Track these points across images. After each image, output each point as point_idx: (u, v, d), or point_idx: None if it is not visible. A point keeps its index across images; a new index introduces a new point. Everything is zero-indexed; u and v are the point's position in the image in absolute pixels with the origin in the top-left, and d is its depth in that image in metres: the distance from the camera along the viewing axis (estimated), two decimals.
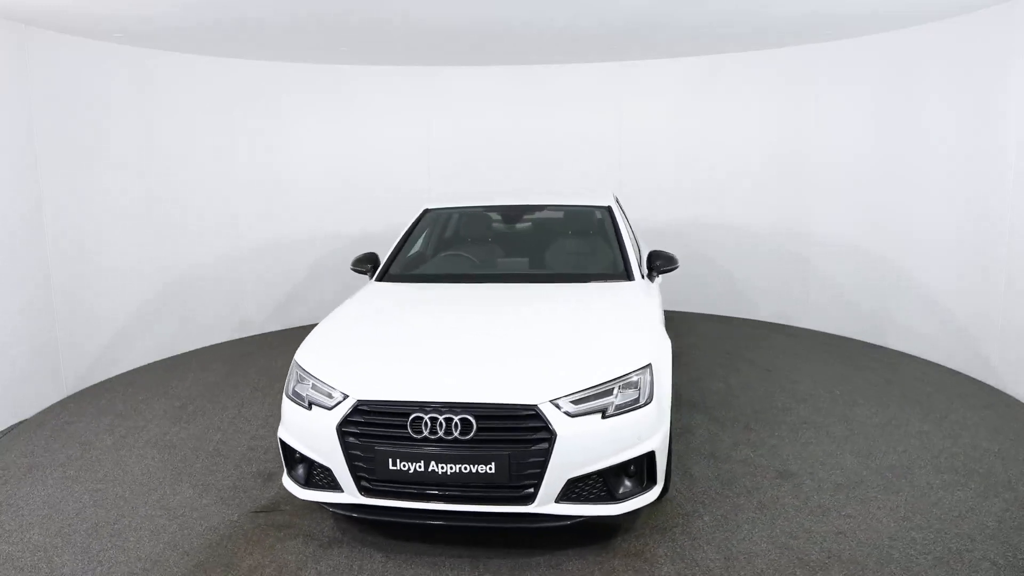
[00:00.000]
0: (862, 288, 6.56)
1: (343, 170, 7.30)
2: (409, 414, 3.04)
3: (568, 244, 4.82)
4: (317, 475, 3.26)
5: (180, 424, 4.81)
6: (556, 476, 2.99)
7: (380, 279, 4.49)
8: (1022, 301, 4.97)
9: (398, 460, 3.03)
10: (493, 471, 2.98)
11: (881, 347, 6.35)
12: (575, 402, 3.07)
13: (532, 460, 2.98)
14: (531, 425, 3.00)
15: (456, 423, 3.00)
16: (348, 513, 3.19)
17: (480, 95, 7.46)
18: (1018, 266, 4.97)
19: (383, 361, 3.34)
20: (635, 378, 3.21)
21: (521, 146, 7.54)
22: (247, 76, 6.74)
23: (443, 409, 3.02)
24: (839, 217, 6.67)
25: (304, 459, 3.29)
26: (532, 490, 2.99)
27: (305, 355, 3.47)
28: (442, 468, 3.00)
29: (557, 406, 3.03)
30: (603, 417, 3.07)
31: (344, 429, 3.10)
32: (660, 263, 4.50)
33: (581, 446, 3.02)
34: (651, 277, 4.48)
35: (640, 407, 3.16)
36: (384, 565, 3.15)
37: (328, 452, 3.14)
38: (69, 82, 5.39)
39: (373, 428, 3.08)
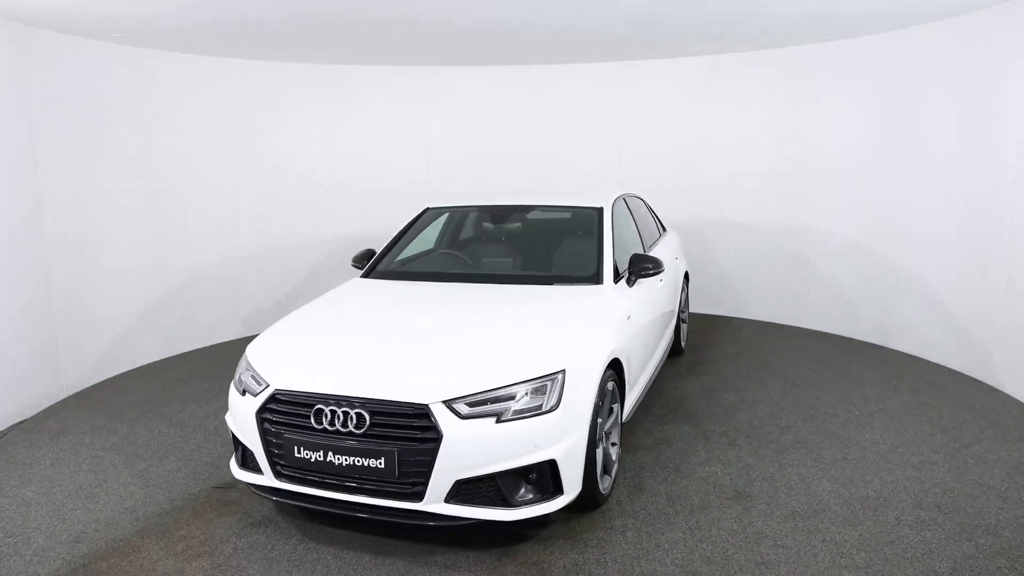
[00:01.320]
0: (862, 288, 6.49)
1: (343, 170, 7.35)
2: (313, 405, 3.17)
3: (551, 245, 4.75)
4: (248, 457, 3.47)
5: (199, 403, 5.24)
6: (443, 476, 3.01)
7: (365, 275, 4.66)
8: (1022, 301, 4.86)
9: (302, 448, 3.17)
10: (382, 466, 3.04)
11: (937, 365, 5.74)
12: (471, 404, 3.06)
13: (419, 458, 3.01)
14: (420, 424, 3.03)
15: (352, 416, 3.10)
16: (266, 495, 3.37)
17: (480, 95, 7.49)
18: (1018, 266, 4.86)
19: (307, 355, 3.49)
20: (543, 384, 3.15)
21: (521, 146, 7.56)
22: (247, 76, 6.75)
23: (342, 402, 3.13)
24: (839, 217, 6.59)
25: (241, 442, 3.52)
26: (421, 488, 3.03)
27: (253, 346, 3.70)
28: (338, 459, 3.10)
29: (450, 407, 3.03)
30: (497, 421, 3.05)
31: (262, 415, 3.28)
32: (639, 268, 4.35)
33: (470, 448, 3.01)
34: (630, 282, 4.34)
35: (542, 414, 3.10)
36: (295, 548, 3.30)
37: (251, 436, 3.33)
38: (69, 82, 5.39)
39: (285, 416, 3.23)
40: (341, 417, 3.10)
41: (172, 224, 6.38)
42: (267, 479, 3.32)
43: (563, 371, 3.21)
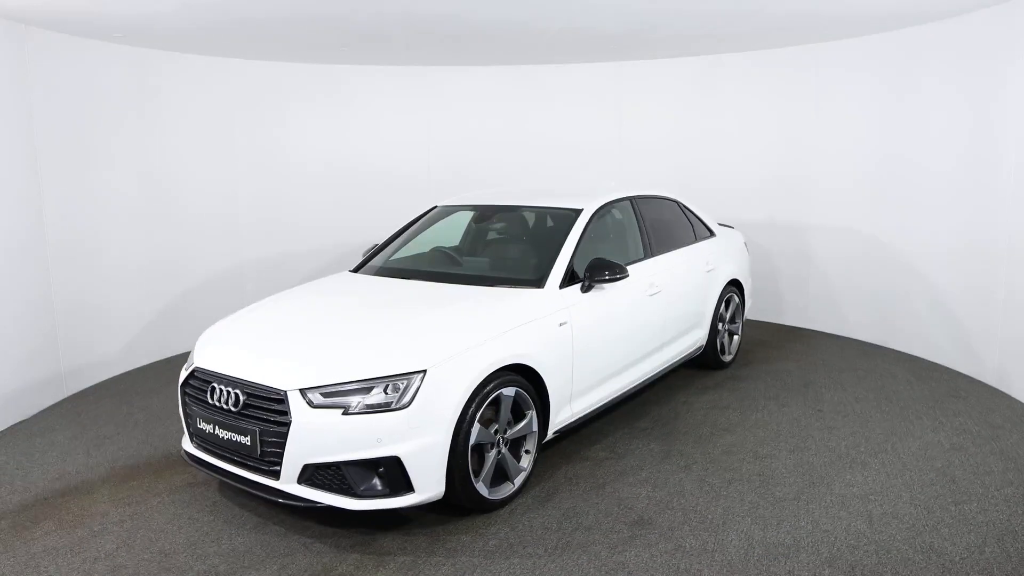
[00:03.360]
0: (862, 288, 6.50)
1: (343, 169, 7.33)
2: (210, 382, 3.53)
3: (519, 247, 4.68)
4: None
5: None
6: (294, 459, 3.19)
7: (354, 270, 4.93)
8: (1022, 301, 4.90)
9: (201, 420, 3.54)
10: (249, 443, 3.31)
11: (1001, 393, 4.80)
12: (325, 394, 3.21)
13: (275, 440, 3.22)
14: (278, 408, 3.25)
15: (232, 396, 3.40)
16: (188, 461, 3.78)
17: (480, 95, 7.43)
18: (1018, 267, 4.91)
19: (229, 338, 3.82)
20: (396, 382, 3.22)
21: (521, 146, 7.51)
22: (247, 76, 6.73)
23: (229, 383, 3.43)
24: (840, 217, 6.56)
25: None
26: (277, 467, 3.25)
27: (207, 329, 4.13)
28: (222, 433, 3.42)
29: (304, 395, 3.21)
30: (344, 413, 3.17)
31: (184, 389, 3.71)
32: (594, 274, 4.17)
33: (316, 436, 3.16)
34: (585, 287, 4.17)
35: (390, 411, 3.17)
36: (201, 508, 3.66)
37: (179, 406, 3.79)
38: (69, 82, 5.36)
39: (195, 391, 3.61)
40: (226, 395, 3.42)
41: (172, 224, 6.37)
42: (188, 445, 3.75)
43: (423, 371, 3.24)
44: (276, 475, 3.26)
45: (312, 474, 3.22)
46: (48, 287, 5.29)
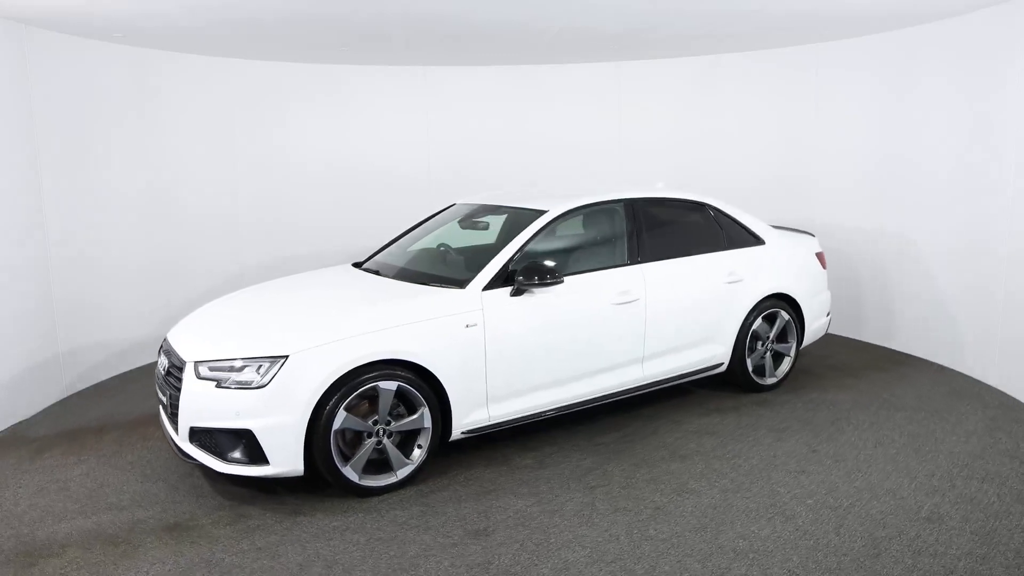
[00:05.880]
0: (862, 290, 6.48)
1: (343, 170, 7.24)
2: (162, 350, 4.17)
3: (484, 247, 4.65)
4: None
5: None
6: (184, 420, 3.68)
7: (356, 264, 5.24)
8: (1022, 301, 4.90)
9: (156, 384, 4.20)
10: (166, 402, 3.87)
11: None
12: (211, 368, 3.65)
13: (176, 402, 3.75)
14: (180, 375, 3.76)
15: (165, 361, 3.99)
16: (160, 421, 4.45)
17: (480, 95, 7.23)
18: (1018, 267, 4.91)
19: (191, 318, 4.38)
20: (260, 363, 3.55)
21: (521, 146, 7.37)
22: (247, 76, 6.71)
23: (166, 350, 4.04)
24: (841, 218, 6.51)
25: None
26: (178, 427, 3.77)
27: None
28: (159, 393, 4.03)
29: (195, 367, 3.68)
30: (217, 386, 3.58)
31: (159, 357, 4.41)
32: (523, 277, 4.06)
33: (196, 403, 3.62)
34: (517, 291, 4.09)
35: (251, 388, 3.51)
36: (159, 457, 4.27)
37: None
38: (69, 82, 5.34)
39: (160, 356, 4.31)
40: (162, 360, 4.04)
41: (172, 224, 6.35)
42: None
43: (286, 357, 3.53)
44: (177, 433, 3.79)
45: (198, 436, 3.69)
46: (48, 287, 5.29)
